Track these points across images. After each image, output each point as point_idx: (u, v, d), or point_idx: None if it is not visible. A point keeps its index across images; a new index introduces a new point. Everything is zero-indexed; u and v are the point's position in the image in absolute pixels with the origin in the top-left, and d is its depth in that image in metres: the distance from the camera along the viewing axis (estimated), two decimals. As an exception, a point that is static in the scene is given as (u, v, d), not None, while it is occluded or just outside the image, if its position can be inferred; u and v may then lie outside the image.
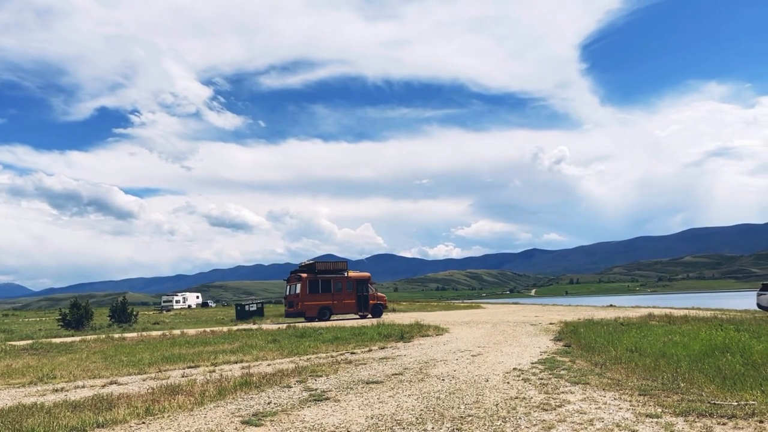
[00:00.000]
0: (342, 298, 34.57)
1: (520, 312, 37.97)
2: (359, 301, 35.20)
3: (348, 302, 34.83)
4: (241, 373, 12.42)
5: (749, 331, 17.03)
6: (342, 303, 34.60)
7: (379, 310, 35.92)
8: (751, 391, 9.00)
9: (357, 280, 35.53)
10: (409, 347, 16.92)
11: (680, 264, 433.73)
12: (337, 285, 34.64)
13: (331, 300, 34.26)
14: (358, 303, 35.15)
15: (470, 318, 31.46)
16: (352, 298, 34.94)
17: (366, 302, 35.30)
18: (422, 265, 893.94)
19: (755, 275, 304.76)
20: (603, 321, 22.97)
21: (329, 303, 34.20)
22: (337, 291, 34.55)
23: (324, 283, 34.36)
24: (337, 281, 34.76)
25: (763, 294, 28.33)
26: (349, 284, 35.04)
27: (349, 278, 35.21)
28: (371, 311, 35.39)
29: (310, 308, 33.55)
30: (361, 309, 35.23)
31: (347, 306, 34.88)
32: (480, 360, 13.61)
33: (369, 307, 35.32)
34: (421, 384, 10.52)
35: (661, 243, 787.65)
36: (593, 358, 12.90)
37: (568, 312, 35.34)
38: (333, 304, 34.33)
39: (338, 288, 34.63)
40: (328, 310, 34.05)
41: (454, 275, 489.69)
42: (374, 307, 35.55)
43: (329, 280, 34.55)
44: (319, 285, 34.20)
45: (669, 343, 14.62)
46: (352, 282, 35.21)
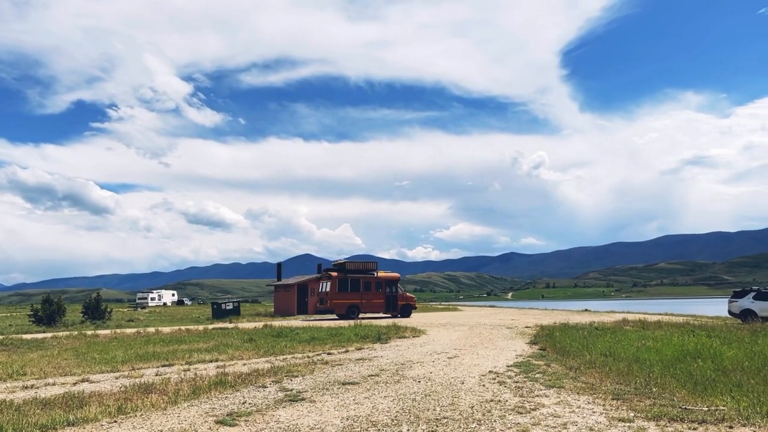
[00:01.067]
0: (370, 298, 35.18)
1: (497, 315, 38.20)
2: (388, 301, 35.62)
3: (376, 302, 35.33)
4: (216, 372, 12.31)
5: (720, 337, 17.34)
6: (370, 302, 35.21)
7: (408, 310, 36.01)
8: (721, 396, 9.16)
9: (386, 280, 35.98)
10: (385, 348, 16.92)
11: (655, 270, 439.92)
12: (366, 284, 35.32)
13: (360, 299, 34.96)
14: (386, 303, 35.58)
15: (447, 320, 31.57)
16: (380, 298, 35.39)
17: (395, 302, 35.65)
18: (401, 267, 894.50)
19: (727, 282, 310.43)
20: (578, 325, 23.23)
21: (357, 302, 34.91)
22: (366, 290, 35.22)
23: (353, 282, 35.17)
24: (366, 281, 35.42)
25: (734, 301, 28.85)
26: (378, 284, 35.57)
27: (378, 278, 35.76)
28: (400, 311, 35.65)
29: (339, 306, 34.49)
30: (390, 309, 35.57)
31: (375, 305, 35.38)
32: (456, 362, 13.66)
33: (398, 307, 35.61)
34: (397, 386, 10.53)
35: (636, 249, 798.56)
36: (568, 362, 13.03)
37: (544, 316, 35.64)
38: (361, 303, 35.03)
39: (367, 287, 35.28)
40: (356, 308, 34.79)
41: (432, 277, 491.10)
42: (403, 308, 35.73)
43: (358, 280, 35.30)
44: (348, 284, 35.06)
45: (642, 348, 14.83)
46: (381, 282, 35.69)
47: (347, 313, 34.48)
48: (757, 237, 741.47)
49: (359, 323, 25.67)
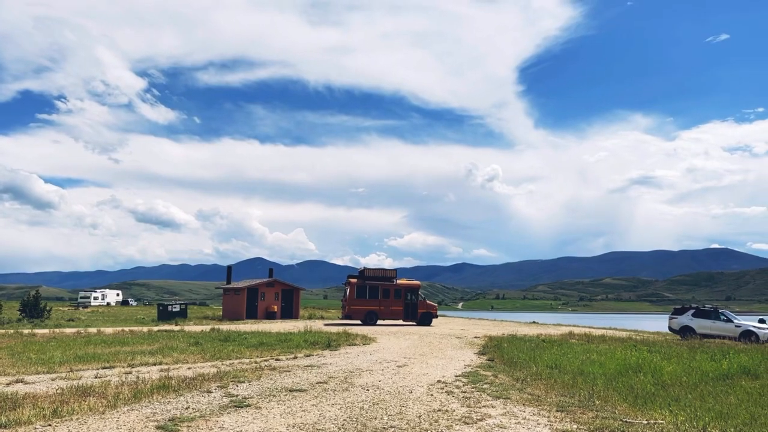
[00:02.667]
0: (389, 305, 35.10)
1: (447, 325, 38.47)
2: (407, 309, 35.41)
3: (395, 309, 35.21)
4: (160, 375, 11.97)
5: (660, 352, 17.91)
6: (389, 309, 35.13)
7: (428, 318, 35.61)
8: (660, 410, 9.44)
9: (405, 288, 35.76)
10: (335, 356, 16.81)
11: (600, 285, 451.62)
12: (384, 291, 35.24)
13: (378, 306, 35.00)
14: (405, 310, 35.37)
15: (398, 329, 31.62)
16: (399, 305, 35.24)
17: (414, 310, 35.41)
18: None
19: (668, 299, 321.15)
20: (526, 337, 23.62)
21: (375, 308, 34.95)
22: (385, 297, 35.15)
23: (372, 289, 35.15)
24: (385, 288, 35.31)
25: (674, 318, 29.84)
26: (397, 292, 35.41)
27: (398, 286, 35.61)
28: (419, 319, 35.32)
29: (357, 312, 34.77)
30: (409, 317, 35.28)
31: (394, 312, 35.25)
32: (405, 371, 13.67)
33: (417, 315, 35.29)
34: (345, 393, 10.45)
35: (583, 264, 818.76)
36: (515, 373, 13.21)
37: (493, 326, 36.11)
38: (379, 310, 35.01)
39: (386, 294, 35.20)
40: (374, 314, 34.85)
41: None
42: (423, 316, 35.39)
43: (377, 287, 35.22)
44: (367, 290, 35.08)
45: (587, 362, 15.17)
46: (400, 289, 35.52)
47: (365, 319, 34.75)
48: (696, 256, 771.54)
49: (309, 329, 25.46)
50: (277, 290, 43.88)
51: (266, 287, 43.21)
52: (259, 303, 42.17)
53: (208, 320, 38.79)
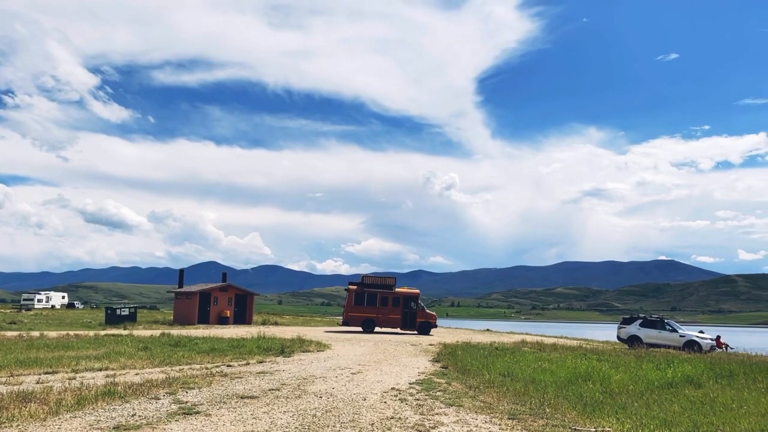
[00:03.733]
0: (387, 313, 34.78)
1: (402, 331, 38.53)
2: (405, 317, 34.95)
3: (393, 317, 34.83)
4: (105, 381, 11.60)
5: (609, 361, 18.32)
6: (387, 317, 34.79)
7: (427, 328, 34.99)
8: (608, 418, 9.64)
9: (404, 296, 35.33)
10: (288, 362, 16.62)
11: (552, 294, 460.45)
12: (383, 299, 34.89)
13: (376, 313, 34.71)
14: (403, 319, 34.90)
15: (353, 335, 31.53)
16: (397, 314, 34.84)
17: (413, 319, 34.90)
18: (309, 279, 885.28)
19: (617, 309, 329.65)
20: (479, 345, 23.86)
21: (373, 316, 34.66)
22: (383, 305, 34.83)
23: (370, 297, 34.87)
24: (384, 296, 34.96)
25: (623, 327, 30.62)
26: (396, 300, 35.01)
27: (396, 293, 35.24)
28: (418, 328, 34.76)
29: (354, 319, 34.71)
30: (407, 325, 34.80)
31: (392, 320, 34.86)
32: (359, 378, 13.61)
33: (416, 324, 34.76)
34: (298, 401, 10.33)
35: (536, 273, 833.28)
36: (468, 381, 13.31)
37: (448, 334, 36.36)
38: (377, 318, 34.69)
39: (384, 302, 34.86)
40: (371, 322, 34.56)
41: (341, 291, 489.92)
42: (421, 325, 34.81)
43: (375, 294, 34.90)
44: (365, 298, 34.84)
45: (538, 370, 15.41)
46: (398, 298, 35.12)
47: (363, 326, 34.54)
48: (644, 268, 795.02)
49: (263, 335, 25.12)
50: (230, 295, 43.21)
51: (219, 292, 42.49)
52: (212, 308, 41.42)
53: (159, 325, 37.88)
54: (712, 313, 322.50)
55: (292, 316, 78.55)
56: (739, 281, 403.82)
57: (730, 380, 15.13)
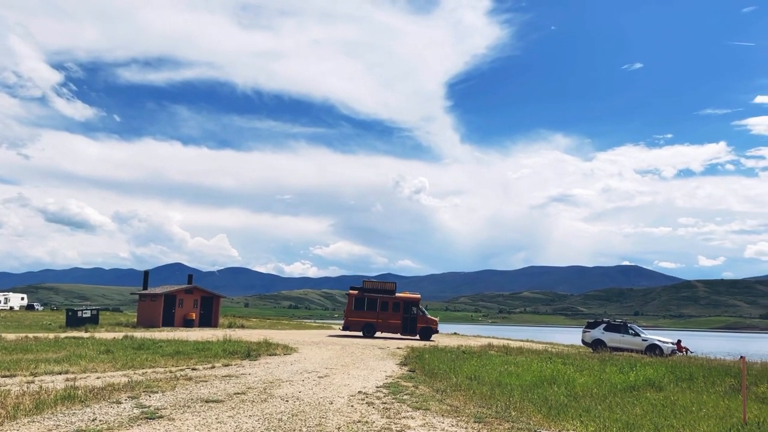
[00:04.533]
0: (387, 318, 34.44)
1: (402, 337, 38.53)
2: (405, 323, 34.56)
3: (393, 322, 34.47)
4: (65, 385, 11.30)
5: (574, 365, 18.59)
6: (387, 322, 34.47)
7: (428, 333, 34.52)
8: (572, 421, 9.78)
9: (404, 301, 34.94)
10: (254, 366, 16.44)
11: (519, 298, 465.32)
12: (383, 304, 34.60)
13: (376, 318, 34.43)
14: (404, 324, 34.52)
15: (320, 338, 31.38)
16: (397, 319, 34.47)
17: (413, 324, 34.50)
18: (277, 282, 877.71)
19: (582, 313, 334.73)
20: (447, 348, 23.97)
21: (373, 321, 34.40)
22: (383, 310, 34.52)
23: (370, 301, 34.67)
24: (384, 300, 34.66)
25: (588, 331, 31.13)
26: (396, 305, 34.64)
27: (396, 298, 34.88)
28: (419, 333, 34.33)
29: (354, 323, 34.54)
30: (407, 330, 34.38)
31: (392, 326, 34.50)
32: (326, 382, 13.53)
33: (416, 329, 34.35)
34: (264, 405, 10.21)
35: (503, 277, 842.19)
36: (435, 384, 13.35)
37: (414, 338, 36.39)
38: (377, 323, 34.41)
39: (384, 307, 34.55)
40: (371, 327, 34.28)
41: (309, 294, 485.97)
42: (422, 330, 34.38)
43: (375, 299, 34.66)
44: (365, 302, 34.67)
45: (505, 373, 15.56)
46: (398, 302, 34.75)
47: (363, 331, 34.30)
48: (609, 273, 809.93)
49: (229, 338, 24.82)
50: (196, 297, 42.61)
51: (185, 294, 41.86)
52: (177, 310, 40.78)
53: (122, 327, 37.13)
54: (673, 318, 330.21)
55: (259, 318, 77.80)
56: (698, 287, 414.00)
57: (690, 383, 15.50)
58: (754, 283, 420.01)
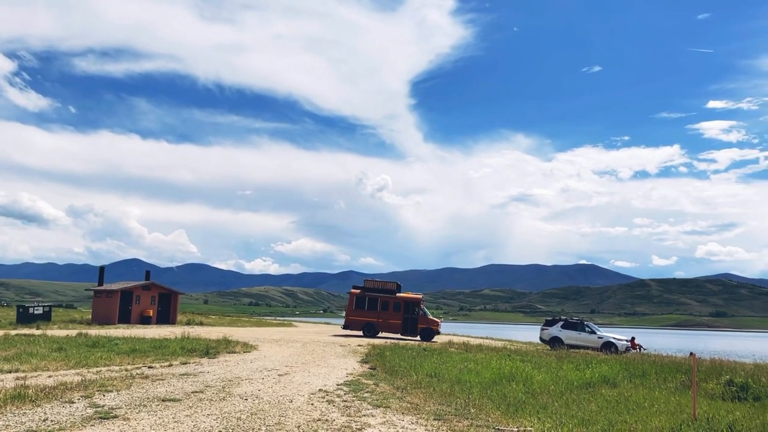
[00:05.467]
0: (387, 317, 34.06)
1: (331, 332, 38.46)
2: (405, 323, 34.04)
3: (393, 322, 34.03)
4: (15, 384, 10.93)
5: (532, 362, 18.90)
6: (387, 322, 34.08)
7: (429, 334, 33.80)
8: (529, 417, 9.93)
9: (405, 302, 34.43)
10: (213, 364, 16.21)
11: (479, 296, 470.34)
12: (384, 304, 34.21)
13: (377, 318, 34.08)
14: (404, 324, 34.01)
15: (281, 336, 31.16)
16: (398, 319, 34.00)
17: (414, 325, 33.94)
18: (237, 279, 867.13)
19: (540, 311, 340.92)
20: (407, 345, 24.10)
21: (374, 320, 34.07)
22: (384, 310, 34.13)
23: (371, 301, 34.36)
24: (384, 300, 34.25)
25: (545, 329, 31.72)
26: (396, 305, 34.19)
27: (397, 298, 34.39)
28: (420, 334, 33.71)
29: (354, 323, 34.43)
30: (408, 331, 33.82)
31: (392, 326, 34.07)
32: (286, 380, 13.44)
33: (417, 330, 33.77)
34: (223, 403, 10.08)
35: (464, 275, 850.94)
36: (396, 382, 13.39)
37: (377, 335, 36.48)
38: (378, 322, 34.06)
39: (385, 307, 34.16)
40: (372, 326, 33.99)
41: (270, 291, 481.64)
42: (423, 331, 33.71)
43: (376, 298, 34.29)
44: (366, 302, 34.37)
45: (464, 370, 15.71)
46: (399, 303, 34.28)
47: (363, 330, 34.06)
48: (566, 271, 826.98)
49: (187, 335, 24.41)
50: (153, 294, 41.79)
51: (142, 290, 41.02)
52: (134, 307, 39.93)
53: (76, 324, 36.16)
54: (627, 316, 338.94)
55: (218, 316, 76.80)
56: (652, 285, 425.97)
57: (643, 380, 15.93)
58: (704, 282, 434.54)
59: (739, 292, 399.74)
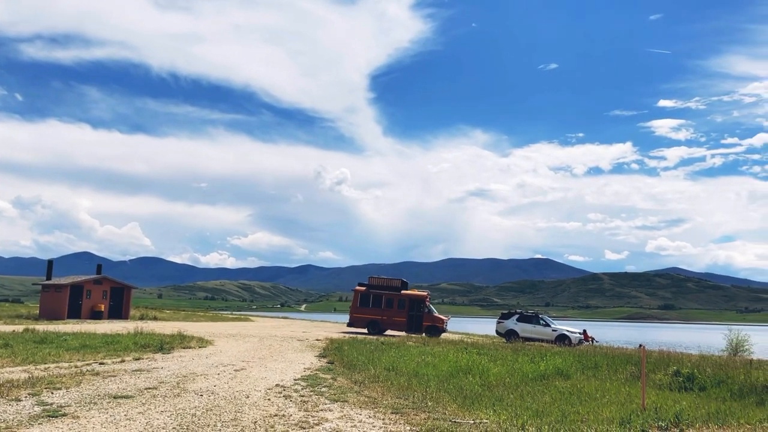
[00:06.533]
0: (392, 315, 33.52)
1: (289, 327, 38.24)
2: (410, 320, 33.35)
3: (398, 319, 33.44)
4: (-44, 383, 10.50)
5: (488, 355, 19.18)
6: (391, 319, 33.52)
7: (434, 332, 32.77)
8: (485, 410, 10.08)
9: (410, 299, 33.77)
10: (167, 359, 15.90)
11: (438, 290, 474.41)
12: (388, 301, 33.70)
13: (381, 315, 33.57)
14: (408, 322, 33.29)
15: (237, 331, 30.79)
16: (402, 316, 33.37)
17: (419, 322, 33.23)
18: (192, 273, 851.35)
19: (496, 304, 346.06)
20: (366, 340, 24.13)
21: (378, 318, 33.55)
22: (388, 307, 33.62)
23: (375, 298, 33.92)
24: (389, 297, 33.71)
25: (501, 322, 32.23)
26: (401, 302, 33.60)
27: (401, 296, 33.79)
28: (425, 332, 32.76)
29: (359, 320, 34.12)
30: (413, 329, 32.98)
31: (397, 323, 33.46)
32: (243, 375, 13.28)
33: (422, 327, 32.98)
34: (177, 400, 9.89)
35: (423, 269, 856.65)
36: (354, 376, 13.39)
37: (335, 329, 36.47)
38: (382, 320, 33.50)
39: (389, 304, 33.64)
40: (377, 324, 33.39)
41: (226, 285, 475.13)
42: (428, 329, 32.83)
43: (381, 296, 33.81)
44: (371, 299, 33.99)
45: (422, 364, 15.84)
46: (404, 300, 33.66)
47: (368, 327, 33.44)
48: (522, 265, 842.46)
49: (140, 330, 23.89)
50: (105, 288, 40.71)
51: (93, 284, 39.92)
52: (84, 301, 38.84)
53: (22, 320, 34.96)
54: (580, 309, 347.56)
55: (173, 310, 75.35)
56: (604, 279, 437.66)
57: (595, 371, 16.36)
58: (654, 275, 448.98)
59: (686, 285, 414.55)
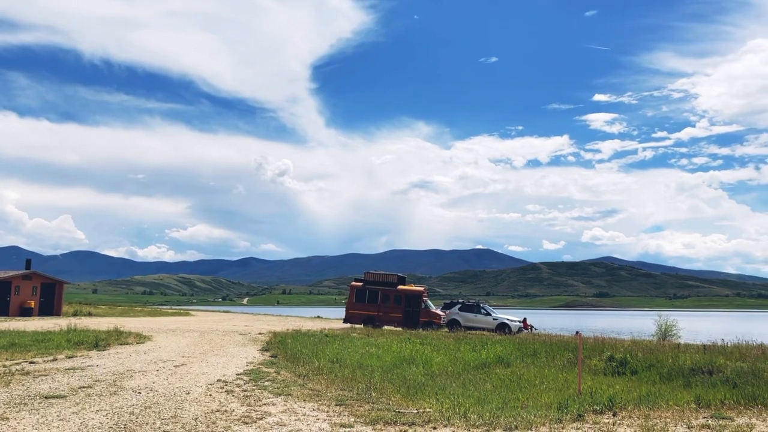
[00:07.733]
0: (388, 311, 32.90)
1: (231, 321, 37.65)
2: (406, 316, 32.54)
3: (394, 315, 32.73)
4: None
5: (432, 344, 19.43)
6: (387, 315, 32.82)
7: (432, 328, 31.57)
8: (428, 399, 10.22)
9: (407, 294, 33.08)
10: (103, 356, 15.37)
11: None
12: (384, 297, 33.03)
13: (377, 311, 32.93)
14: (405, 317, 32.49)
15: (177, 325, 30.07)
16: (398, 312, 32.69)
17: (415, 318, 32.33)
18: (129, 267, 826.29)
19: (439, 294, 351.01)
20: (310, 332, 24.02)
21: (374, 313, 32.86)
22: (384, 303, 32.98)
23: (371, 294, 33.32)
24: (385, 293, 33.05)
25: (444, 312, 32.70)
26: (397, 298, 32.97)
27: (398, 291, 33.12)
28: (421, 327, 31.47)
29: (355, 316, 33.54)
30: (408, 324, 31.87)
31: (393, 319, 32.68)
32: (183, 371, 12.98)
33: (419, 323, 31.96)
34: (114, 398, 9.58)
35: (367, 260, 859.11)
36: (297, 369, 13.31)
37: (278, 322, 36.15)
38: (378, 315, 32.75)
39: (385, 300, 33.01)
40: (373, 320, 32.56)
41: (165, 279, 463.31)
42: (424, 324, 31.86)
43: (377, 291, 33.13)
44: (366, 295, 33.48)
45: (366, 355, 15.90)
46: (400, 295, 32.99)
47: (364, 324, 32.40)
48: (464, 256, 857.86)
49: (74, 327, 22.99)
50: (35, 283, 39.02)
51: (22, 280, 38.18)
52: (12, 298, 37.11)
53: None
54: (520, 297, 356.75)
55: (108, 306, 72.92)
56: (543, 268, 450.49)
57: (534, 359, 16.82)
58: (589, 264, 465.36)
59: (619, 273, 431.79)
